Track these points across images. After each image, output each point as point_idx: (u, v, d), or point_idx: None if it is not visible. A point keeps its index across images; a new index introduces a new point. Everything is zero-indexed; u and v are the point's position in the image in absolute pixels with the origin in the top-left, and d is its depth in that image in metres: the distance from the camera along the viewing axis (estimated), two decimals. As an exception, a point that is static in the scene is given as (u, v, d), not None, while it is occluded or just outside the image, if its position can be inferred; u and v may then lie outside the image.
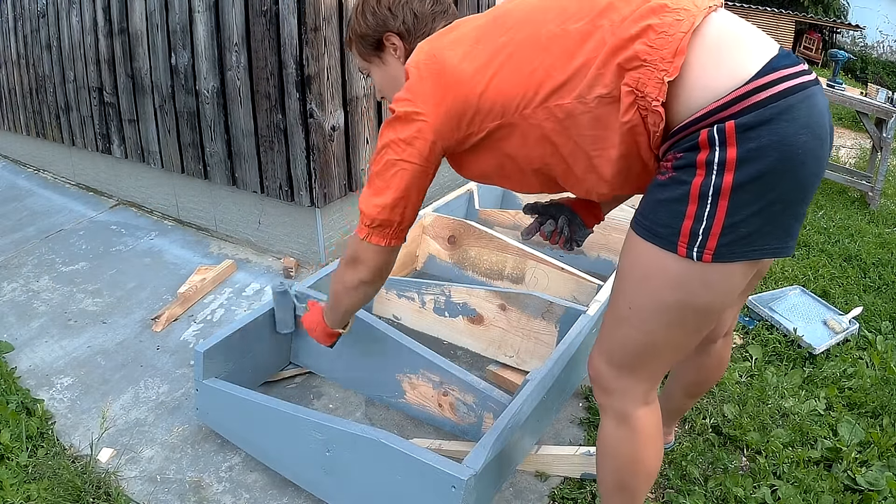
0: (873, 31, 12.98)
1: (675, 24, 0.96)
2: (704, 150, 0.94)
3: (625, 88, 0.97)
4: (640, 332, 1.09)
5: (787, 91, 0.91)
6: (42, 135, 4.18)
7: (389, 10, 1.32)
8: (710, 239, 0.96)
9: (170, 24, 2.88)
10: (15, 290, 2.79)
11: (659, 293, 1.03)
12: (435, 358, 1.82)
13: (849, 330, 2.39)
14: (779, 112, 0.91)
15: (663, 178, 1.00)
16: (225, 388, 1.79)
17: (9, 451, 1.82)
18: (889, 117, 3.97)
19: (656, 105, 0.95)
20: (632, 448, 1.19)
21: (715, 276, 0.99)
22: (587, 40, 1.01)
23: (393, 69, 1.35)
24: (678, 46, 0.94)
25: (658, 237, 1.00)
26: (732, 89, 0.92)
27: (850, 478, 1.73)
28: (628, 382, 1.15)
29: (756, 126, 0.91)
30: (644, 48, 0.96)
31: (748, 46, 0.96)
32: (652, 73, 0.95)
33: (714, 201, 0.94)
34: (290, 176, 2.68)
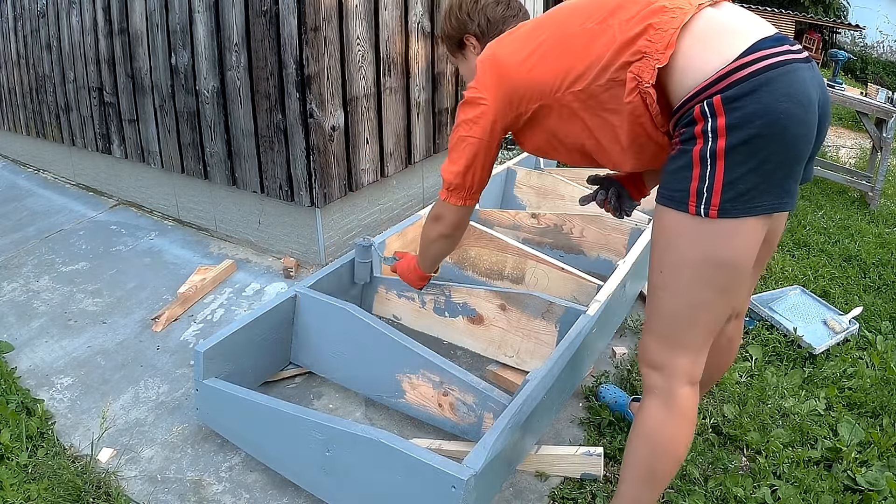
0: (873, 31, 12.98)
1: (669, 22, 1.16)
2: (700, 122, 1.11)
3: (629, 75, 1.17)
4: (674, 294, 1.22)
5: (768, 67, 1.07)
6: (42, 135, 4.18)
7: (468, 16, 1.65)
8: (714, 196, 1.11)
9: (170, 24, 2.88)
10: (15, 290, 2.79)
11: (681, 251, 1.18)
12: (435, 358, 1.82)
13: (849, 330, 2.39)
14: (758, 84, 1.07)
15: (674, 152, 1.18)
16: (225, 388, 1.79)
17: (9, 451, 1.82)
18: (889, 117, 3.97)
19: (647, 87, 1.15)
20: (671, 430, 1.26)
21: (726, 230, 1.13)
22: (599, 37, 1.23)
23: (472, 63, 1.65)
24: (669, 40, 1.14)
25: (673, 200, 1.17)
26: (717, 70, 1.09)
27: (850, 478, 1.73)
28: (674, 355, 1.25)
29: (739, 97, 1.07)
30: (645, 43, 1.17)
31: (735, 32, 1.13)
32: (648, 63, 1.15)
33: (713, 163, 1.10)
34: (290, 176, 2.68)
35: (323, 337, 2.06)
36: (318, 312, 2.04)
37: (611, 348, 2.28)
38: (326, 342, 2.06)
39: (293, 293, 2.06)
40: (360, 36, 2.67)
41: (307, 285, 2.09)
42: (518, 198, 3.30)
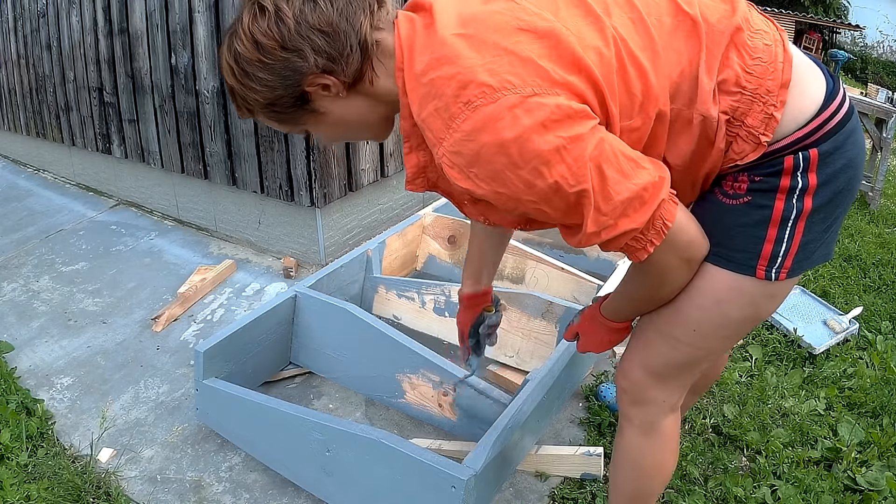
0: (873, 31, 12.97)
1: (766, 50, 0.92)
2: (787, 176, 0.94)
3: (720, 114, 0.91)
4: (696, 348, 1.09)
5: (847, 115, 0.95)
6: (42, 135, 4.18)
7: (287, 50, 0.87)
8: (788, 259, 0.98)
9: (170, 24, 2.88)
10: (15, 290, 2.79)
11: (728, 314, 1.04)
12: (435, 358, 1.82)
13: (849, 330, 2.39)
14: (846, 137, 0.94)
15: (734, 203, 0.98)
16: (225, 388, 1.79)
17: (9, 451, 1.82)
18: (889, 117, 3.97)
19: (764, 139, 0.92)
20: (655, 457, 1.20)
21: (782, 289, 1.04)
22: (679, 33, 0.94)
23: (337, 112, 0.96)
24: (782, 79, 0.92)
25: (734, 263, 0.99)
26: (813, 115, 0.93)
27: (850, 478, 1.73)
28: (663, 393, 1.15)
29: (833, 152, 0.94)
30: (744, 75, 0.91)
31: (812, 71, 0.97)
32: (754, 104, 0.91)
33: (794, 225, 0.96)
34: (290, 176, 2.68)
35: (323, 337, 2.06)
36: (318, 312, 2.04)
37: (611, 348, 2.28)
38: (326, 342, 2.06)
39: (293, 293, 2.06)
40: (360, 36, 2.67)
41: (307, 285, 2.09)
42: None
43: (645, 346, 1.14)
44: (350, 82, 0.92)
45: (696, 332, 1.07)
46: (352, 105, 0.95)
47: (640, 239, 0.91)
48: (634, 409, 1.18)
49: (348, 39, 0.89)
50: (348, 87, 0.92)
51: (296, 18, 0.87)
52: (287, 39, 0.87)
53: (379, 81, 0.93)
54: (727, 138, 0.93)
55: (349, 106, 0.95)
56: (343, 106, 0.95)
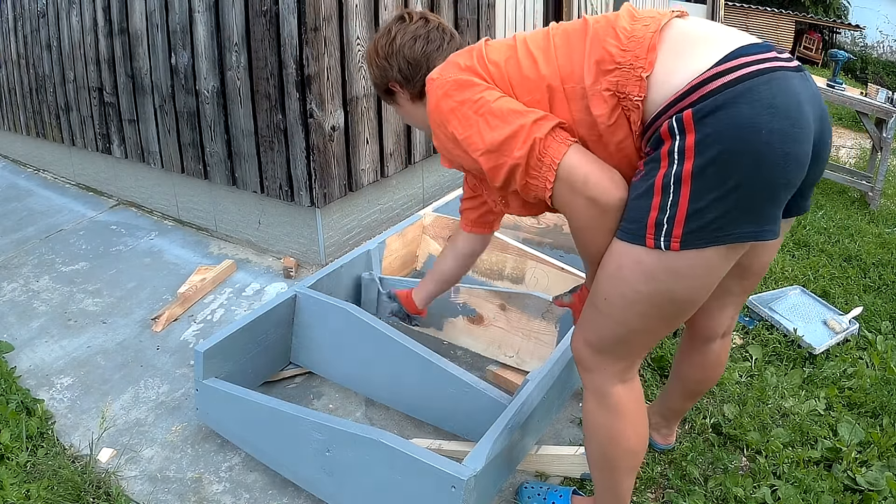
0: (873, 31, 12.98)
1: (642, 29, 1.04)
2: (667, 142, 0.98)
3: (604, 92, 1.04)
4: (615, 321, 1.14)
5: (748, 75, 0.93)
6: (42, 135, 4.18)
7: (387, 61, 1.45)
8: (676, 227, 0.99)
9: (170, 24, 2.88)
10: (15, 290, 2.79)
11: (631, 285, 1.08)
12: (435, 358, 1.82)
13: (849, 330, 2.39)
14: (736, 95, 0.92)
15: (636, 179, 1.06)
16: (225, 388, 1.79)
17: (9, 451, 1.82)
18: (889, 117, 3.97)
19: (638, 100, 1.01)
20: (610, 424, 1.24)
21: (686, 262, 1.02)
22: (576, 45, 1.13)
23: (407, 108, 1.50)
24: (649, 43, 1.01)
25: (627, 233, 1.06)
26: (691, 78, 0.96)
27: (850, 478, 1.73)
28: (605, 361, 1.21)
29: (713, 111, 0.93)
30: (618, 52, 1.03)
31: (711, 41, 1.00)
32: (629, 74, 1.01)
33: (676, 190, 0.97)
34: (290, 176, 2.68)
35: (323, 337, 2.06)
36: (318, 312, 2.04)
37: (611, 348, 2.28)
38: (326, 342, 2.06)
39: (293, 293, 2.06)
40: (360, 36, 2.67)
41: (307, 285, 2.09)
42: (518, 198, 3.29)
43: (582, 318, 1.24)
44: (416, 96, 1.46)
45: (607, 302, 1.13)
46: (416, 109, 1.49)
47: (535, 175, 1.09)
48: (584, 376, 1.26)
49: (420, 71, 1.42)
50: (414, 98, 1.47)
51: (399, 47, 1.43)
52: (388, 55, 1.45)
53: None
54: (624, 113, 1.04)
55: (414, 108, 1.50)
56: (411, 107, 1.50)
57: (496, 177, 1.13)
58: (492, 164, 1.12)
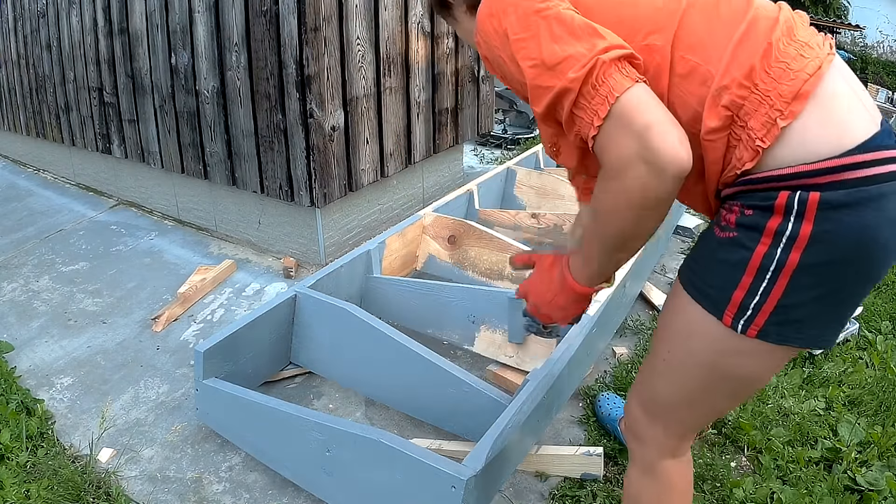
0: (873, 31, 12.98)
1: (798, 59, 0.85)
2: (777, 217, 0.84)
3: (721, 110, 0.86)
4: (675, 385, 1.05)
5: (883, 176, 0.82)
6: (42, 135, 4.18)
7: None
8: (760, 315, 0.89)
9: (170, 24, 2.88)
10: (15, 290, 2.79)
11: (696, 353, 0.98)
12: (435, 358, 1.82)
13: (849, 330, 2.39)
14: (868, 197, 0.81)
15: (723, 235, 0.91)
16: (225, 388, 1.79)
17: (9, 450, 1.82)
18: (889, 117, 3.97)
19: (760, 144, 0.84)
20: (655, 496, 1.16)
21: (754, 352, 0.93)
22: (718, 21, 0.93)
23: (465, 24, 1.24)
24: (800, 89, 0.83)
25: (707, 298, 0.94)
26: (830, 156, 0.81)
27: (850, 478, 1.73)
28: (659, 433, 1.11)
29: (840, 206, 0.81)
30: (762, 75, 0.85)
31: (859, 111, 0.85)
32: (763, 109, 0.84)
33: (773, 278, 0.86)
34: (290, 176, 2.68)
35: (323, 337, 2.06)
36: (318, 312, 2.04)
37: (611, 348, 2.28)
38: (326, 342, 2.06)
39: (293, 293, 2.06)
40: (360, 36, 2.67)
41: (307, 285, 2.09)
42: (518, 198, 3.30)
43: (640, 380, 1.14)
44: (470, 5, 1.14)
45: (666, 362, 1.03)
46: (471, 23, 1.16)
47: (583, 105, 0.86)
48: (634, 445, 1.17)
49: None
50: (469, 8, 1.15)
51: None
52: None
53: None
54: (730, 141, 0.88)
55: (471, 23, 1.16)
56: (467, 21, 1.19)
57: (539, 99, 0.91)
58: (538, 83, 0.90)
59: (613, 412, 1.87)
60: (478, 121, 3.69)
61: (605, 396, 1.95)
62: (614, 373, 2.14)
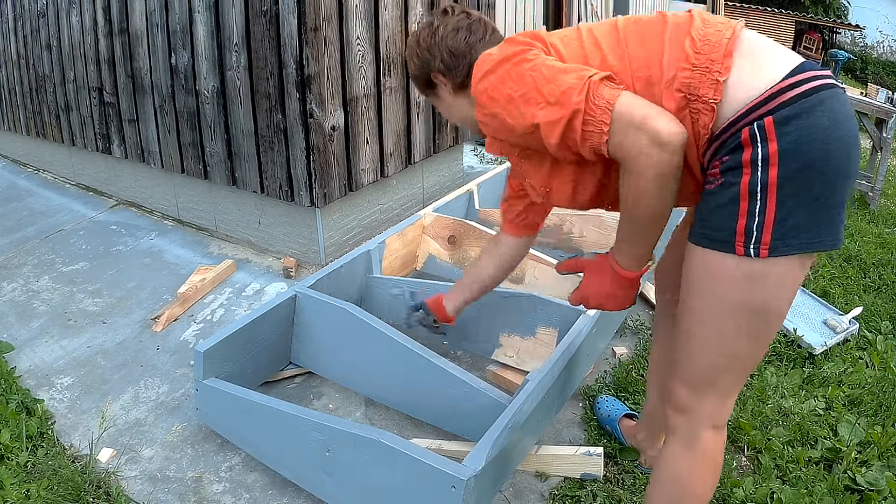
0: (873, 31, 12.98)
1: (716, 34, 1.05)
2: (748, 149, 1.00)
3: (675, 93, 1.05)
4: (708, 342, 1.14)
5: (818, 88, 0.99)
6: (42, 135, 4.18)
7: (429, 52, 1.42)
8: (765, 233, 1.01)
9: (170, 24, 2.88)
10: (15, 290, 2.79)
11: (723, 297, 1.08)
12: (435, 358, 1.82)
13: (849, 330, 2.39)
14: (811, 105, 0.98)
15: (712, 186, 1.06)
16: (225, 388, 1.79)
17: (9, 450, 1.82)
18: (889, 117, 3.97)
19: (713, 102, 1.02)
20: (694, 471, 1.22)
21: (773, 271, 1.04)
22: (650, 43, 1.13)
23: (448, 101, 1.47)
24: (726, 48, 1.03)
25: (715, 241, 1.06)
26: (768, 87, 0.99)
27: (850, 478, 1.73)
28: (701, 400, 1.19)
29: (792, 118, 0.97)
30: (693, 54, 1.04)
31: (777, 53, 1.05)
32: (703, 77, 1.03)
33: (763, 196, 1.00)
34: (290, 176, 2.68)
35: (323, 337, 2.06)
36: (318, 312, 2.04)
37: (611, 348, 2.28)
38: (326, 342, 2.06)
39: (293, 293, 2.06)
40: (360, 36, 2.67)
41: (307, 285, 2.09)
42: (518, 198, 3.29)
43: (677, 358, 1.21)
44: (457, 87, 1.42)
45: (699, 321, 1.13)
46: (457, 101, 1.45)
47: (590, 121, 1.05)
48: (676, 418, 1.23)
49: (463, 60, 1.38)
50: (456, 90, 1.43)
51: (441, 37, 1.40)
52: (431, 46, 1.41)
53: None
54: (691, 116, 1.05)
55: (456, 101, 1.45)
56: (452, 100, 1.45)
57: (553, 132, 1.09)
58: (552, 118, 1.08)
59: (613, 413, 1.87)
60: (478, 121, 3.68)
61: (604, 398, 1.95)
62: (614, 373, 2.14)
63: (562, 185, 1.25)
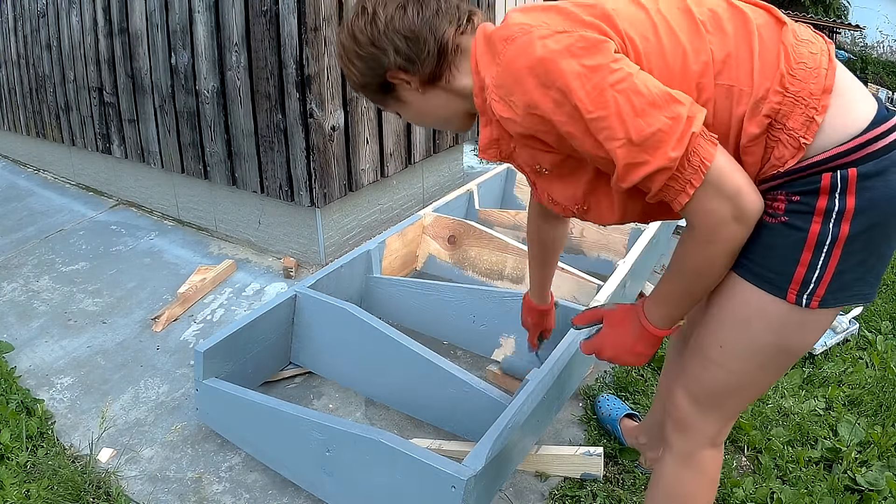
0: (873, 31, 12.98)
1: (811, 58, 0.94)
2: (824, 196, 0.92)
3: (762, 118, 0.94)
4: (729, 372, 1.10)
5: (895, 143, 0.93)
6: (42, 135, 4.18)
7: (374, 46, 1.07)
8: (821, 287, 0.96)
9: (170, 24, 2.88)
10: (15, 290, 2.79)
11: (756, 336, 1.04)
12: (435, 358, 1.82)
13: (849, 330, 2.39)
14: (891, 164, 0.92)
15: (774, 222, 0.97)
16: (225, 388, 1.79)
17: (9, 450, 1.82)
18: (889, 117, 3.97)
19: (804, 142, 0.92)
20: (688, 488, 1.20)
21: (812, 321, 1.01)
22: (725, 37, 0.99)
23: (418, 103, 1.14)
24: (825, 84, 0.92)
25: (767, 283, 0.99)
26: (857, 134, 0.91)
27: (850, 478, 1.73)
28: (706, 420, 1.16)
29: (873, 176, 0.91)
30: (790, 79, 0.93)
31: (861, 95, 0.96)
32: (799, 109, 0.92)
33: (829, 250, 0.94)
34: (290, 176, 2.68)
35: (323, 337, 2.06)
36: (318, 312, 2.04)
37: (611, 348, 2.28)
38: (326, 342, 2.06)
39: (293, 293, 2.06)
40: (360, 36, 2.67)
41: (307, 285, 2.09)
42: (518, 198, 3.30)
43: (687, 371, 1.17)
44: (426, 80, 1.09)
45: (723, 350, 1.08)
46: (430, 99, 1.12)
47: (677, 178, 0.91)
48: (675, 436, 1.20)
49: (427, 45, 1.05)
50: (425, 85, 1.10)
51: (386, 22, 1.05)
52: (376, 38, 1.06)
53: (456, 79, 1.09)
54: (768, 142, 0.95)
55: (427, 100, 1.13)
56: (422, 99, 1.12)
57: (630, 176, 0.93)
58: (632, 161, 0.91)
59: (613, 412, 1.87)
60: (477, 121, 3.68)
61: (604, 397, 1.94)
62: (614, 373, 2.14)
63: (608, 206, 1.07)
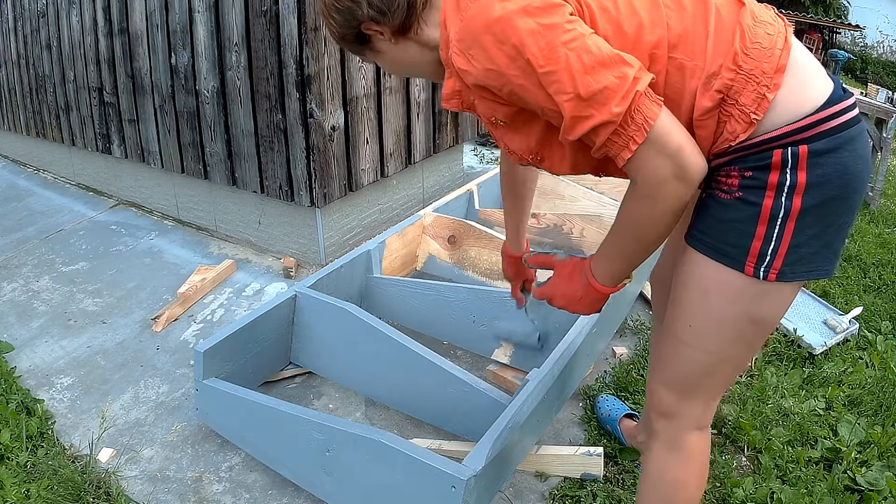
0: (873, 31, 12.98)
1: (766, 38, 0.98)
2: (776, 171, 0.97)
3: (713, 92, 0.97)
4: (701, 350, 1.12)
5: (851, 122, 0.97)
6: (42, 135, 4.18)
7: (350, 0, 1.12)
8: (777, 259, 1.00)
9: (170, 24, 2.88)
10: (15, 290, 2.79)
11: (720, 309, 1.07)
12: (435, 358, 1.82)
13: (849, 330, 2.39)
14: (843, 142, 0.96)
15: (727, 198, 1.01)
16: (225, 388, 1.79)
17: (9, 450, 1.82)
18: (889, 117, 3.97)
19: (755, 118, 0.96)
20: (677, 473, 1.22)
21: (772, 293, 1.04)
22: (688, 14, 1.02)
23: (391, 53, 1.19)
24: (778, 63, 0.96)
25: (725, 256, 1.03)
26: (810, 113, 0.95)
27: (850, 478, 1.73)
28: (688, 404, 1.18)
29: (825, 153, 0.95)
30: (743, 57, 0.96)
31: (817, 74, 0.99)
32: (752, 87, 0.96)
33: (783, 223, 0.98)
34: (290, 176, 2.68)
35: (323, 337, 2.06)
36: (318, 312, 2.04)
37: (611, 348, 2.28)
38: (326, 342, 2.06)
39: (293, 293, 2.06)
40: (360, 36, 2.67)
41: (307, 285, 2.09)
42: (518, 198, 3.29)
43: (660, 360, 1.20)
44: (397, 31, 1.13)
45: (692, 329, 1.11)
46: (403, 49, 1.17)
47: (620, 134, 0.94)
48: (660, 423, 1.22)
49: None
50: (397, 35, 1.14)
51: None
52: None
53: (424, 31, 1.12)
54: (720, 117, 0.98)
55: (401, 49, 1.17)
56: (396, 49, 1.17)
57: (575, 129, 0.96)
58: (579, 114, 0.94)
59: (613, 412, 1.87)
60: (478, 120, 3.69)
61: (604, 398, 1.95)
62: (614, 373, 2.14)
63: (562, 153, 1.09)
